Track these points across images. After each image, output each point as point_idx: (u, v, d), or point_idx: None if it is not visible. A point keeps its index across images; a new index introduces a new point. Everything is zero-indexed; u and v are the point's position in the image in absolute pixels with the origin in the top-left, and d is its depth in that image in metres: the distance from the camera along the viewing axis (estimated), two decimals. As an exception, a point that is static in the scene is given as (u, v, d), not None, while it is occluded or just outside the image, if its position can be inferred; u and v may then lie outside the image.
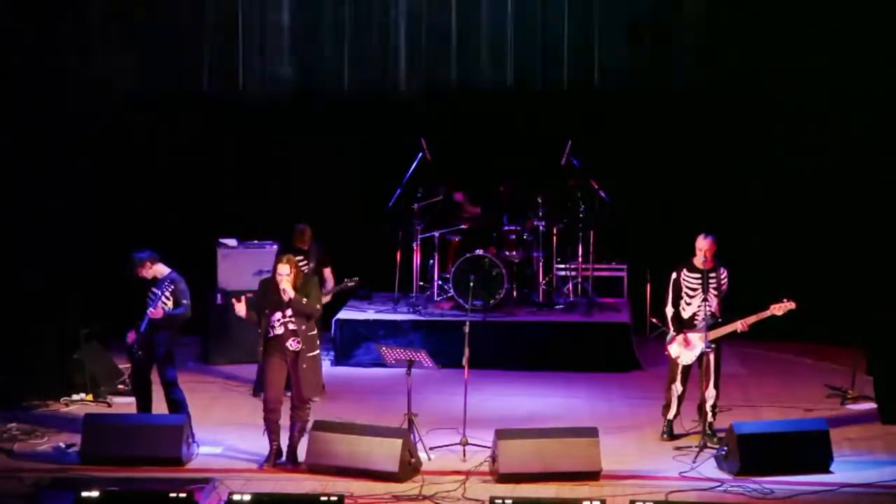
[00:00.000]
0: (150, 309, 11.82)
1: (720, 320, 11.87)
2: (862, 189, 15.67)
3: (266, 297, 11.43)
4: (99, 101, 15.96)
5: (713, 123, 16.16)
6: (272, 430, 11.51)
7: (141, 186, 16.31)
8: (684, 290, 11.95)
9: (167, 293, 11.84)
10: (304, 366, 11.39)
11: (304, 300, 11.33)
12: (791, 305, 11.71)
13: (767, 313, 11.76)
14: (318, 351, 11.54)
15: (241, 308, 11.57)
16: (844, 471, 11.22)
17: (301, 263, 13.14)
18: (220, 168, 16.64)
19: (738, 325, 11.80)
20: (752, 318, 11.78)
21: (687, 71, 16.16)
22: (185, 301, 11.96)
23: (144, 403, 12.26)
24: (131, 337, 12.00)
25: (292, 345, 11.35)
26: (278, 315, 11.35)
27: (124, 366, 13.57)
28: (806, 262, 15.71)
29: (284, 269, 11.31)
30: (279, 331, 11.36)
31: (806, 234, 15.93)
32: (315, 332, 11.55)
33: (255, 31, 16.66)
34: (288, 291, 11.25)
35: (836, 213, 15.77)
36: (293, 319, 11.35)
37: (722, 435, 11.67)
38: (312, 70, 16.82)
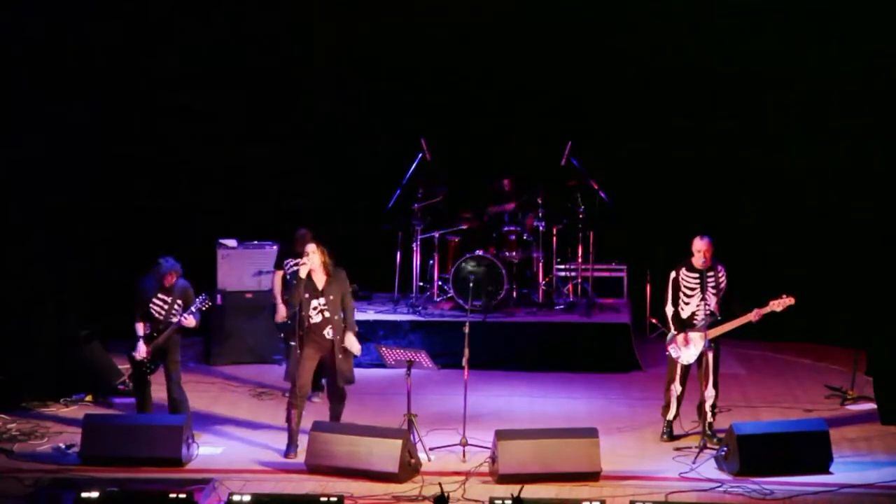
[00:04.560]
0: (184, 317, 11.94)
1: (719, 319, 11.89)
2: (862, 189, 15.67)
3: (302, 285, 11.66)
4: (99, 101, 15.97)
5: (713, 122, 16.16)
6: (293, 418, 11.62)
7: (141, 186, 16.31)
8: (682, 289, 11.96)
9: (203, 306, 12.03)
10: (340, 356, 11.64)
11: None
12: (790, 301, 11.73)
13: (767, 309, 11.78)
14: None
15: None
16: (844, 471, 11.23)
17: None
18: (220, 168, 16.63)
19: (752, 316, 11.78)
20: (758, 312, 11.79)
21: (687, 70, 16.15)
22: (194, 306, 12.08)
23: (144, 403, 12.28)
24: (146, 352, 12.01)
25: (329, 333, 11.60)
26: (315, 303, 11.60)
27: (124, 366, 13.58)
28: (806, 262, 15.70)
29: (311, 247, 11.70)
30: (316, 319, 11.64)
31: (806, 234, 15.93)
32: (342, 325, 11.76)
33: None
34: (309, 264, 11.57)
35: (836, 213, 15.76)
36: (328, 308, 11.58)
37: (722, 435, 11.67)
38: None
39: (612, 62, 16.28)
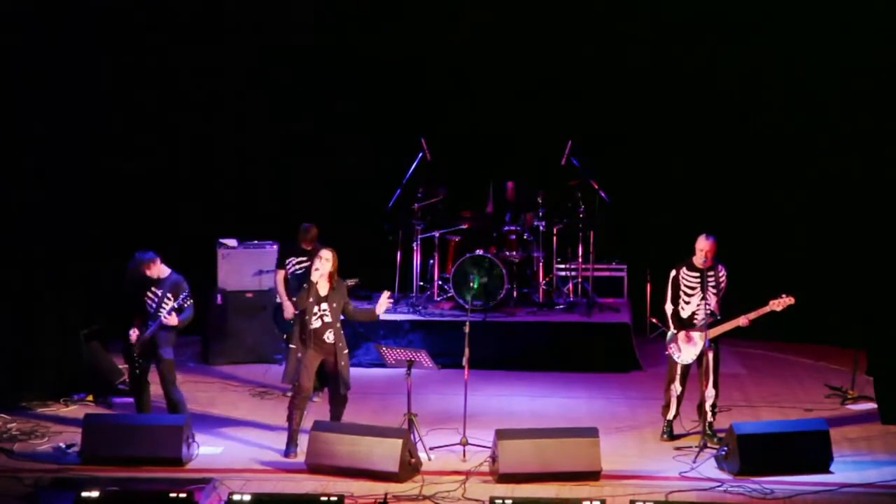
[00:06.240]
0: (165, 315, 11.90)
1: (719, 318, 11.88)
2: (862, 189, 15.66)
3: (312, 290, 11.70)
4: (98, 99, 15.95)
5: (713, 123, 16.16)
6: (295, 418, 11.64)
7: (141, 186, 16.30)
8: (683, 288, 11.96)
9: (185, 303, 11.95)
10: (342, 363, 11.71)
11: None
12: (790, 301, 11.74)
13: (766, 309, 11.79)
14: (347, 349, 11.82)
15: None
16: (844, 471, 11.23)
17: (304, 264, 13.15)
18: (220, 168, 16.62)
19: (742, 321, 11.81)
20: (753, 315, 11.80)
21: (687, 71, 16.15)
22: (189, 302, 12.02)
23: (141, 405, 12.27)
24: (134, 335, 12.03)
25: (330, 337, 11.69)
26: (316, 309, 11.65)
27: (124, 366, 13.57)
28: (806, 262, 15.71)
29: (327, 254, 11.71)
30: (316, 324, 11.67)
31: (806, 234, 15.93)
32: (342, 331, 11.85)
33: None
34: (321, 270, 11.59)
35: (836, 213, 15.76)
36: (328, 312, 11.65)
37: (722, 435, 11.67)
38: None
39: (612, 62, 16.27)
